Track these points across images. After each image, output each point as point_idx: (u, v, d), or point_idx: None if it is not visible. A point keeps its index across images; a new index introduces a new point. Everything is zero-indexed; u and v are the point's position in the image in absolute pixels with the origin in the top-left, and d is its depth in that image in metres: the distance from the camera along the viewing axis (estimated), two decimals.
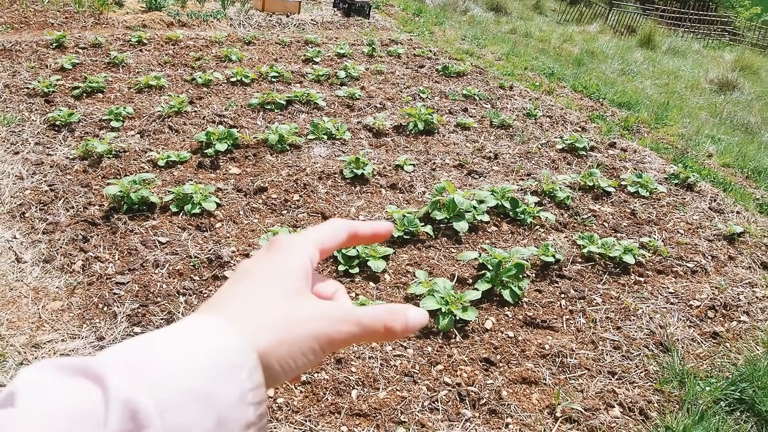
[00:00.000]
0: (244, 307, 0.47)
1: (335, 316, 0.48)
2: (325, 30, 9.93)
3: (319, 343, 0.47)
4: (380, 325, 0.49)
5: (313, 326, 0.47)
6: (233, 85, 6.34)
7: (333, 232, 0.57)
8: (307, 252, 0.53)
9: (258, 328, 0.45)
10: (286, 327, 0.46)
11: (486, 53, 10.00)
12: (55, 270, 3.32)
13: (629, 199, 4.87)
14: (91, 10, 8.44)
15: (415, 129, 5.62)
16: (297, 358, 0.46)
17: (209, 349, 0.42)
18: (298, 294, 0.49)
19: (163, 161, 4.43)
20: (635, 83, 9.79)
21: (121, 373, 0.39)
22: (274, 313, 0.47)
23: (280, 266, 0.51)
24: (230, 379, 0.41)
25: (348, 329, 0.48)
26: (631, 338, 3.22)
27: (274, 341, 0.45)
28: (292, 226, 3.83)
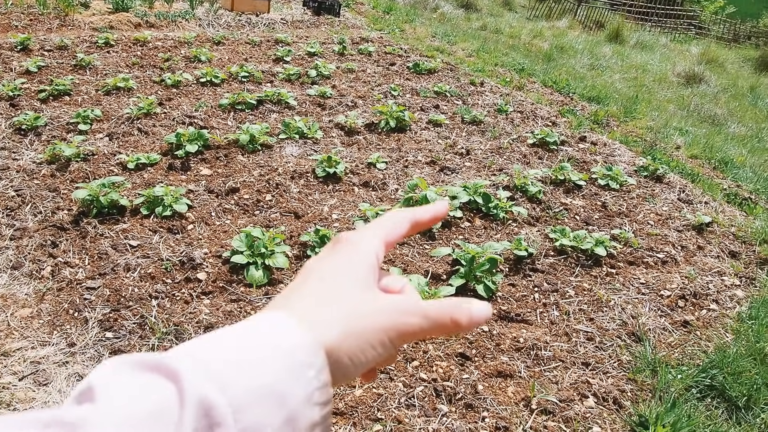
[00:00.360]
0: (312, 304, 0.47)
1: (403, 308, 0.49)
2: (296, 29, 9.89)
3: (389, 335, 0.47)
4: (447, 317, 0.50)
5: (381, 319, 0.47)
6: (203, 86, 6.28)
7: (396, 224, 0.57)
8: (373, 247, 0.53)
9: (326, 324, 0.45)
10: (355, 320, 0.46)
11: (457, 50, 10.04)
12: (24, 276, 3.26)
13: (600, 192, 4.92)
14: (57, 11, 8.31)
15: (387, 126, 5.62)
16: (366, 351, 0.46)
17: (278, 347, 0.42)
18: (365, 288, 0.49)
19: (133, 164, 4.38)
20: (604, 77, 9.90)
21: (195, 370, 0.39)
22: (342, 308, 0.47)
23: (346, 262, 0.51)
24: (298, 378, 0.41)
25: (417, 321, 0.49)
26: (604, 329, 3.26)
27: (342, 335, 0.45)
28: (265, 226, 3.81)
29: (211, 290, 3.23)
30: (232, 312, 3.06)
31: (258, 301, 3.17)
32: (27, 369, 2.68)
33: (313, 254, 3.45)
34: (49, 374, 2.67)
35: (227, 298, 3.19)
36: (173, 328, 2.90)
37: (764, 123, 8.67)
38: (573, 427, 2.59)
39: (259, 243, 3.39)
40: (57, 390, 2.58)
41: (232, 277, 3.34)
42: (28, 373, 2.67)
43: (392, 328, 0.47)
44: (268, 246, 3.39)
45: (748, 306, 3.66)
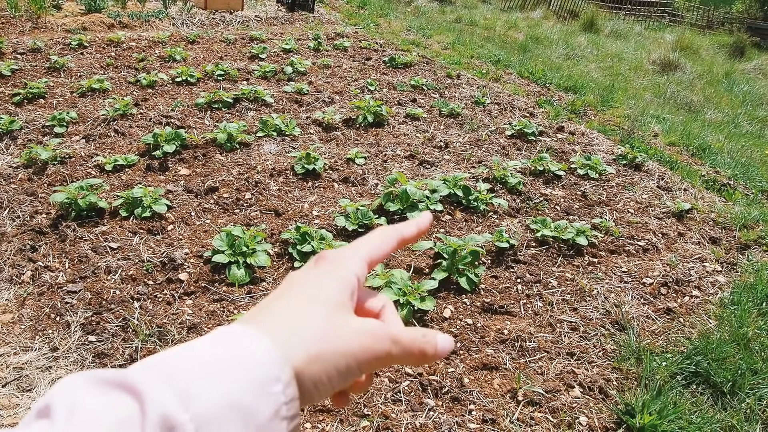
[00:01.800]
0: (283, 321, 0.47)
1: (374, 334, 0.49)
2: (270, 26, 9.82)
3: (357, 360, 0.47)
4: (416, 347, 0.50)
5: (349, 344, 0.47)
6: (179, 85, 6.22)
7: (382, 242, 0.57)
8: (354, 267, 0.53)
9: (293, 344, 0.45)
10: (322, 344, 0.46)
11: (432, 43, 10.04)
12: (4, 282, 3.22)
13: (579, 182, 4.95)
14: (28, 14, 8.17)
15: (364, 122, 5.61)
16: (332, 376, 0.46)
17: (246, 362, 0.42)
18: (339, 311, 0.49)
19: (111, 165, 4.33)
20: (580, 67, 9.96)
21: (158, 386, 0.39)
22: (311, 330, 0.46)
23: (325, 282, 0.51)
24: (266, 393, 0.41)
25: (386, 348, 0.49)
26: (588, 319, 3.28)
27: (307, 360, 0.45)
28: (246, 224, 3.79)
29: (194, 290, 3.21)
30: (215, 312, 3.04)
31: (240, 300, 3.15)
32: (10, 375, 2.65)
33: (294, 251, 3.44)
34: (32, 380, 2.64)
35: (210, 297, 3.17)
36: (156, 330, 2.87)
37: (740, 108, 8.78)
38: (560, 417, 2.61)
39: (240, 242, 3.37)
40: (40, 395, 2.55)
41: (214, 277, 3.31)
42: (11, 379, 2.63)
43: (362, 353, 0.47)
44: (249, 245, 3.37)
45: (730, 292, 3.70)
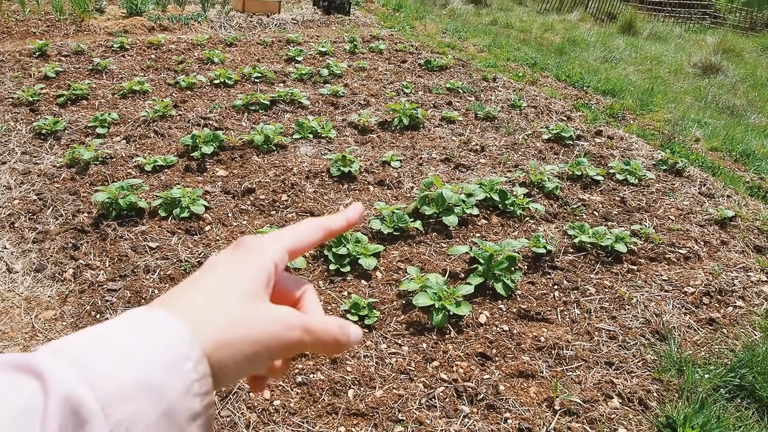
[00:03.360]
0: (195, 305, 0.47)
1: (285, 321, 0.49)
2: (306, 29, 9.88)
3: (266, 348, 0.47)
4: (330, 336, 0.50)
5: (259, 331, 0.47)
6: (217, 87, 6.29)
7: (305, 233, 0.57)
8: (273, 255, 0.53)
9: (203, 329, 0.45)
10: (231, 331, 0.46)
11: (468, 46, 9.99)
12: (47, 279, 3.29)
13: (618, 187, 4.87)
14: (73, 17, 8.35)
15: (400, 124, 5.60)
16: (240, 362, 0.46)
17: (154, 341, 0.42)
18: (253, 297, 0.49)
19: (150, 166, 4.40)
20: (618, 70, 9.81)
21: (63, 368, 0.38)
22: (221, 317, 0.47)
23: (241, 268, 0.51)
24: (175, 371, 0.41)
25: (297, 335, 0.48)
26: (627, 327, 3.22)
27: (216, 345, 0.45)
28: (281, 226, 3.79)
29: None
30: None
31: None
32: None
33: (330, 254, 3.45)
34: None
35: None
36: None
37: None
38: (598, 428, 2.57)
39: None
40: None
41: None
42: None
43: (271, 340, 0.47)
44: None
45: None
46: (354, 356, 2.85)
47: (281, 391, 2.63)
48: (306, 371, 2.73)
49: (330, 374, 2.73)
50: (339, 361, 2.80)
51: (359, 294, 3.28)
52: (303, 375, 2.71)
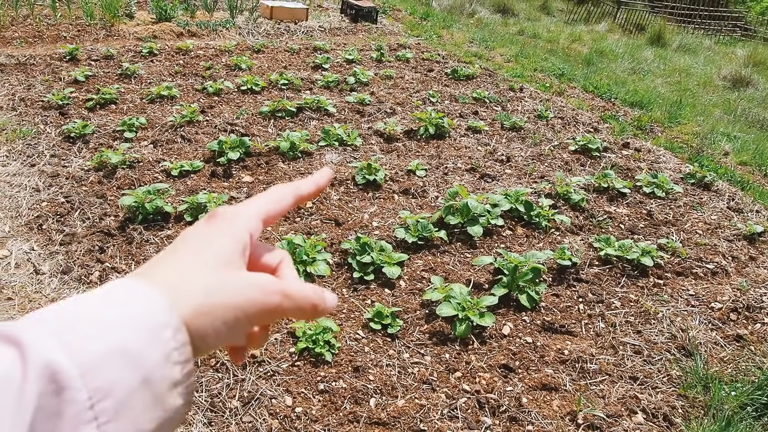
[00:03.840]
0: (172, 275, 0.47)
1: (264, 287, 0.49)
2: (333, 36, 9.93)
3: (246, 313, 0.47)
4: (308, 301, 0.51)
5: (238, 297, 0.47)
6: (244, 94, 6.34)
7: (276, 200, 0.58)
8: (246, 224, 0.53)
9: (181, 296, 0.45)
10: (209, 298, 0.46)
11: (495, 55, 9.97)
12: (73, 281, 3.33)
13: (645, 200, 4.82)
14: (103, 22, 8.49)
15: (426, 133, 5.60)
16: (219, 329, 0.46)
17: (133, 311, 0.42)
18: (229, 266, 0.49)
19: (177, 171, 4.44)
20: (646, 82, 9.72)
21: (42, 337, 0.39)
22: (198, 284, 0.47)
23: (216, 238, 0.51)
24: (154, 339, 0.42)
25: (276, 300, 0.49)
26: (652, 342, 3.18)
27: (194, 311, 0.45)
28: (306, 233, 3.82)
29: None
30: None
31: None
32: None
33: (354, 262, 3.45)
34: None
35: None
36: None
37: None
38: None
39: (300, 250, 3.40)
40: None
41: None
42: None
43: (250, 306, 0.48)
44: (309, 253, 3.40)
45: None
46: (376, 365, 2.84)
47: (303, 398, 2.64)
48: (328, 379, 2.73)
49: (352, 382, 2.73)
50: (361, 369, 2.80)
51: (383, 302, 3.27)
52: (325, 383, 2.71)
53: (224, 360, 2.78)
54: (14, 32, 7.75)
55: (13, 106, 5.44)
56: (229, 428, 2.47)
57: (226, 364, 2.76)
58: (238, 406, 2.57)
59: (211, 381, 2.69)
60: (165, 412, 0.42)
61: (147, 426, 0.41)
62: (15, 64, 6.51)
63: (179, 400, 0.43)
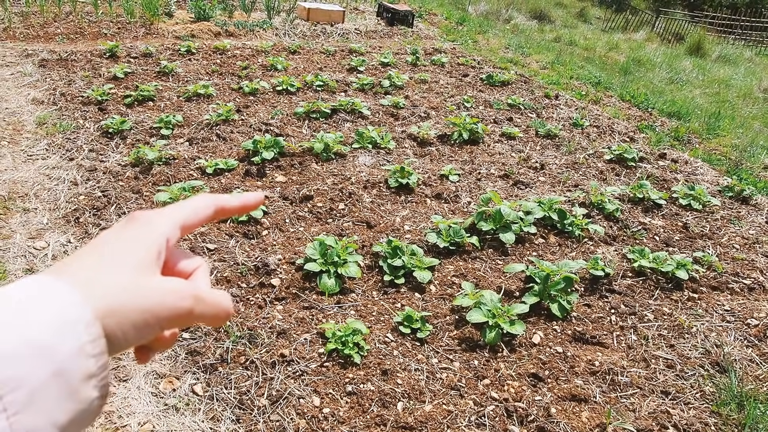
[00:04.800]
0: (85, 272, 0.47)
1: (176, 291, 0.49)
2: (369, 39, 9.96)
3: (156, 317, 0.47)
4: (220, 305, 0.52)
5: (149, 300, 0.47)
6: (279, 94, 6.39)
7: (197, 209, 0.57)
8: (164, 229, 0.53)
9: (93, 293, 0.45)
10: (120, 299, 0.46)
11: (530, 62, 9.91)
12: None
13: (681, 212, 4.74)
14: (143, 20, 8.63)
15: (459, 138, 5.58)
16: (127, 331, 0.46)
17: (45, 304, 0.42)
18: (144, 269, 0.49)
19: (212, 169, 4.49)
20: (684, 92, 9.58)
21: None
22: (112, 283, 0.46)
23: (132, 240, 0.51)
24: (66, 332, 0.41)
25: (188, 304, 0.49)
26: (686, 357, 3.12)
27: (104, 311, 0.45)
28: (338, 234, 3.83)
29: (285, 296, 3.26)
30: (304, 319, 3.08)
31: (330, 309, 3.18)
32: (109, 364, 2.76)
33: (385, 265, 3.45)
34: (128, 371, 2.75)
35: (300, 305, 3.21)
36: (247, 332, 2.94)
37: None
38: None
39: (332, 252, 3.41)
40: (136, 387, 2.65)
41: (304, 284, 3.36)
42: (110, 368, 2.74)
43: (161, 310, 0.47)
44: (341, 255, 3.41)
45: None
46: (405, 369, 2.84)
47: (331, 399, 2.64)
48: (356, 381, 2.73)
49: (380, 385, 2.72)
50: (390, 372, 2.80)
51: (412, 306, 3.27)
52: (353, 384, 2.71)
53: (254, 358, 2.80)
54: (57, 28, 7.92)
55: (53, 100, 5.55)
56: (257, 426, 2.49)
57: (255, 362, 2.78)
58: (266, 405, 2.58)
59: (240, 378, 2.71)
60: (80, 404, 0.42)
61: (61, 418, 0.41)
62: (57, 59, 6.65)
63: (94, 392, 0.43)
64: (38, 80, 6.02)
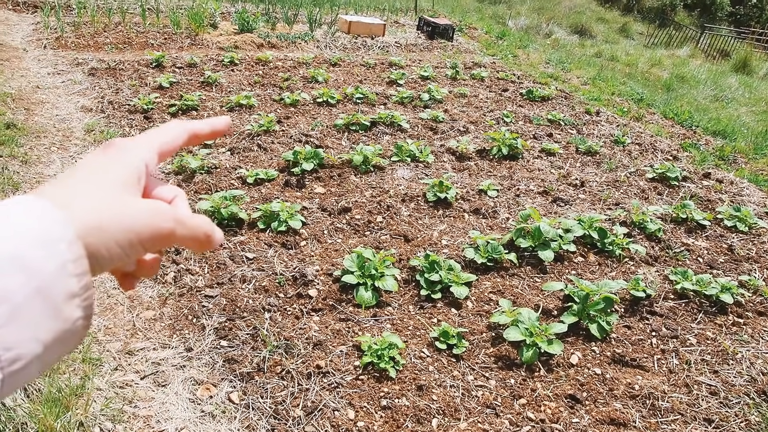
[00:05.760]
0: (67, 192, 0.47)
1: (159, 213, 0.49)
2: (409, 52, 10.00)
3: (139, 237, 0.47)
4: (202, 231, 0.52)
5: (133, 220, 0.47)
6: (319, 106, 6.45)
7: (171, 135, 0.58)
8: (143, 155, 0.54)
9: (77, 212, 0.45)
10: (105, 216, 0.46)
11: (571, 77, 9.83)
12: (149, 280, 3.43)
13: (726, 234, 4.63)
14: (188, 31, 8.80)
15: (498, 153, 5.55)
16: (111, 249, 0.46)
17: (28, 223, 0.42)
18: (125, 191, 0.50)
19: (252, 178, 4.54)
20: (730, 110, 9.39)
21: None
22: (95, 200, 0.47)
23: (112, 164, 0.51)
24: (49, 250, 0.41)
25: (171, 226, 0.50)
26: (730, 384, 3.04)
27: (89, 228, 0.45)
28: (375, 247, 3.83)
29: (321, 307, 3.27)
30: (340, 331, 3.09)
31: (366, 322, 3.18)
32: (148, 369, 2.81)
33: (422, 279, 3.44)
34: (167, 376, 2.78)
35: (336, 316, 3.22)
36: (284, 342, 2.95)
37: None
38: None
39: (369, 264, 3.41)
40: (174, 392, 2.69)
41: (341, 296, 3.37)
42: (149, 373, 2.79)
43: (144, 229, 0.48)
44: (378, 268, 3.41)
45: None
46: (440, 385, 2.82)
47: (365, 412, 2.63)
48: (391, 395, 2.72)
49: (415, 401, 2.71)
50: (425, 388, 2.78)
51: (449, 322, 3.25)
52: (388, 399, 2.70)
53: (290, 368, 2.81)
54: (106, 38, 8.12)
55: (101, 108, 5.69)
56: None
57: (291, 373, 2.79)
58: (301, 416, 2.59)
59: (276, 388, 2.72)
60: (63, 323, 0.42)
61: (45, 336, 0.41)
62: (105, 68, 6.81)
63: (77, 312, 0.43)
64: (87, 88, 6.18)
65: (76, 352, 2.81)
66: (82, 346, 2.84)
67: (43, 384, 2.55)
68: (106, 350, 2.89)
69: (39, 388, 2.55)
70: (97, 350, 2.87)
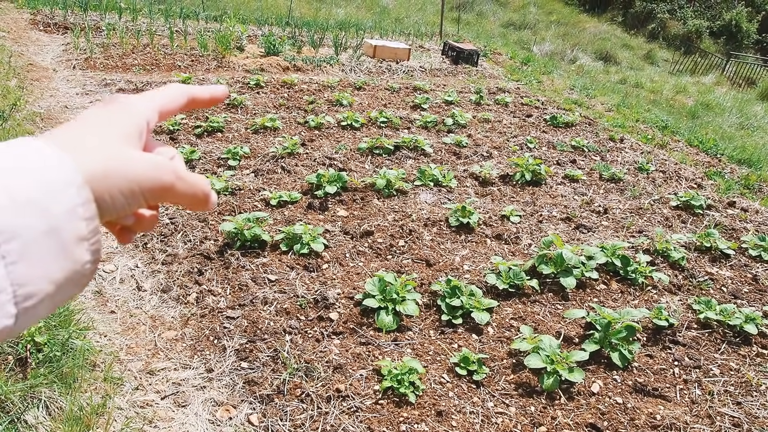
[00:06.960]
0: (73, 139, 0.48)
1: (161, 166, 0.50)
2: (433, 77, 10.07)
3: (140, 187, 0.48)
4: (200, 188, 0.54)
5: (136, 170, 0.48)
6: (343, 129, 6.51)
7: (172, 96, 0.60)
8: (145, 112, 0.55)
9: (83, 158, 0.46)
10: (109, 164, 0.47)
11: (595, 104, 9.82)
12: (172, 300, 3.48)
13: (751, 263, 4.58)
14: (215, 54, 8.97)
15: (522, 179, 5.56)
16: (115, 197, 0.47)
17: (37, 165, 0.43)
18: (127, 141, 0.51)
19: (275, 201, 4.59)
20: (755, 138, 9.31)
21: None
22: (100, 148, 0.48)
23: (116, 118, 0.52)
24: (58, 192, 0.42)
25: (171, 179, 0.51)
26: (754, 416, 2.99)
27: (94, 174, 0.46)
28: (397, 271, 3.85)
29: (342, 331, 3.29)
30: (360, 355, 3.10)
31: (386, 346, 3.19)
32: (169, 389, 2.84)
33: (443, 304, 3.44)
34: (188, 396, 2.81)
35: (357, 340, 3.23)
36: (304, 365, 2.97)
37: None
38: None
39: (391, 288, 3.42)
40: (194, 413, 2.71)
41: (362, 320, 3.38)
42: (170, 393, 2.82)
43: (146, 180, 0.48)
44: (399, 292, 3.42)
45: None
46: (460, 411, 2.81)
47: None
48: (411, 420, 2.72)
49: (434, 426, 2.70)
50: (444, 414, 2.78)
51: (469, 348, 3.24)
52: (407, 424, 2.70)
53: (310, 391, 2.82)
54: (134, 59, 8.30)
55: None
56: None
57: (311, 396, 2.80)
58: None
59: (295, 411, 2.73)
60: (74, 264, 0.44)
61: (56, 275, 0.42)
62: (132, 89, 6.96)
63: (86, 255, 0.45)
64: None
65: (98, 371, 2.85)
66: (105, 365, 2.88)
67: (65, 402, 2.59)
68: (127, 369, 2.92)
69: (61, 406, 2.59)
70: (119, 369, 2.91)
